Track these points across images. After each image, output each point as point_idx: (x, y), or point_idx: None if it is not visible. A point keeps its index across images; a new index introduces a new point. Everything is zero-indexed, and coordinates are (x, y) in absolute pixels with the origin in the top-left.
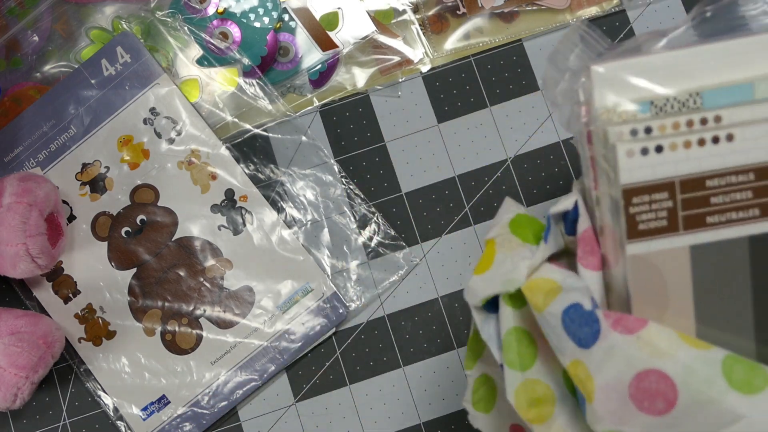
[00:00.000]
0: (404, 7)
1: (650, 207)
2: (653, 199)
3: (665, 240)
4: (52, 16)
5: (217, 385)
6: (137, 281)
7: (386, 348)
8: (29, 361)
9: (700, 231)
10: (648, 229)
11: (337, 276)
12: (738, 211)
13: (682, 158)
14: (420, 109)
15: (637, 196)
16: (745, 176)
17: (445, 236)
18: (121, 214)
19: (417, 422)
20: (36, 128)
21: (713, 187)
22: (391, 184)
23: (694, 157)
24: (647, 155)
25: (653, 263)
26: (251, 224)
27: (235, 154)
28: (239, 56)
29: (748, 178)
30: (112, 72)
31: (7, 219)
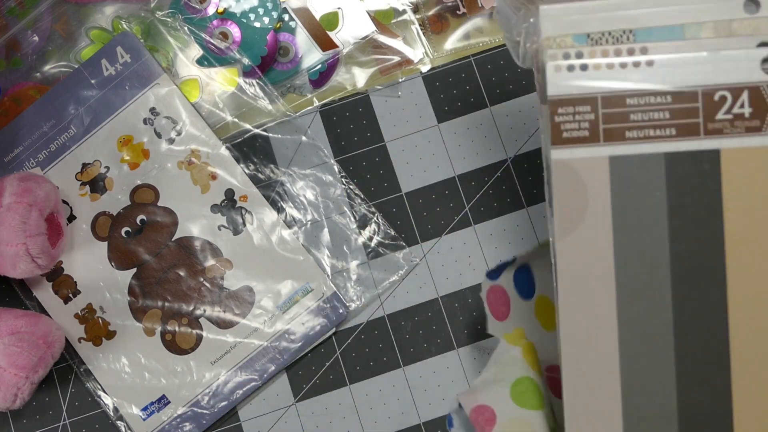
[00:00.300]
0: (404, 7)
1: (574, 118)
2: (577, 110)
3: (586, 149)
4: (52, 16)
5: (217, 385)
6: (137, 281)
7: (386, 348)
8: (29, 361)
9: (620, 144)
10: (571, 137)
11: (337, 276)
12: (655, 129)
13: (605, 77)
14: (420, 109)
15: (562, 107)
16: (663, 98)
17: (445, 236)
18: (121, 214)
19: (417, 422)
20: (36, 128)
21: (633, 105)
22: (391, 184)
23: (616, 77)
24: (573, 71)
25: (575, 169)
26: (251, 224)
27: (235, 154)
28: (239, 56)
29: (666, 100)
30: (112, 72)
31: (7, 219)
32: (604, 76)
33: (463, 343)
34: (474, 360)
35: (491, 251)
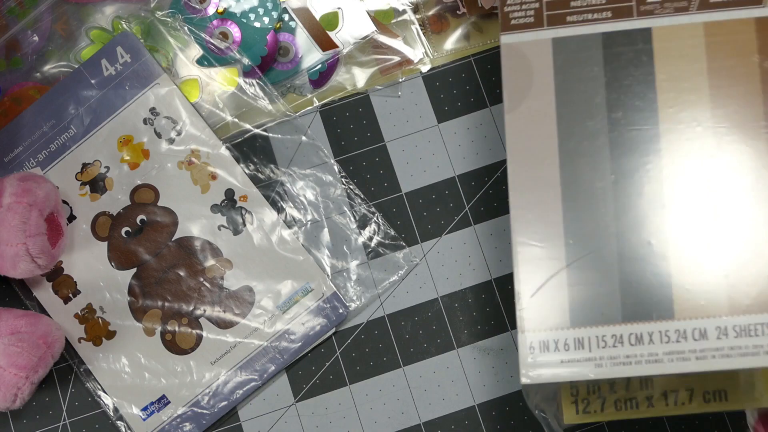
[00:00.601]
0: (404, 7)
1: (521, 7)
2: (523, 0)
3: (532, 33)
4: (52, 16)
5: (217, 385)
6: (137, 281)
7: (386, 348)
8: (29, 361)
9: (561, 27)
10: (518, 24)
11: (337, 276)
12: (593, 13)
13: None
14: (420, 109)
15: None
16: None
17: (445, 236)
18: (121, 214)
19: (417, 422)
20: (36, 128)
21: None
22: (391, 184)
23: None
24: None
25: (521, 51)
26: (251, 224)
27: (235, 154)
28: (239, 56)
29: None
30: (112, 72)
31: (7, 219)
32: None
33: (463, 343)
34: (474, 360)
35: (491, 251)
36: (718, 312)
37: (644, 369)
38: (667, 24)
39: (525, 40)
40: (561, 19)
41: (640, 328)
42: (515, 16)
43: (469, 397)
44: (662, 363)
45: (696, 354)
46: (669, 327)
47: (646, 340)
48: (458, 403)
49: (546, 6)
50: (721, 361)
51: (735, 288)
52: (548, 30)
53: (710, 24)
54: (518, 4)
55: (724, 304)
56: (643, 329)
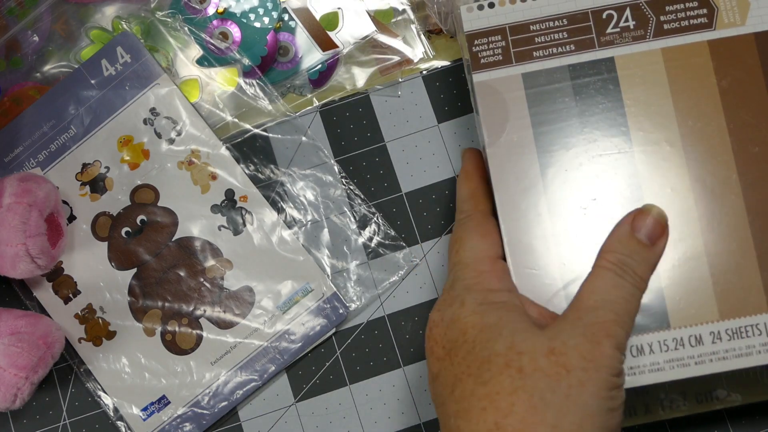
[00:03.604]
0: (404, 7)
1: (488, 46)
2: (490, 40)
3: (502, 70)
4: (52, 16)
5: (217, 385)
6: (137, 281)
7: (386, 348)
8: (29, 361)
9: (529, 62)
10: (488, 62)
11: (337, 276)
12: (558, 47)
13: (510, 11)
14: (420, 109)
15: (477, 39)
16: (560, 21)
17: (445, 236)
18: (121, 214)
19: (417, 422)
20: (36, 128)
21: (536, 30)
22: (391, 184)
23: (519, 10)
24: (483, 10)
25: (494, 87)
26: (251, 224)
27: (235, 154)
28: (239, 56)
29: (563, 23)
30: (112, 72)
31: (7, 219)
32: (510, 11)
33: None
34: None
35: None
36: (710, 318)
37: (647, 378)
38: (628, 52)
39: (496, 77)
40: (528, 54)
41: (640, 340)
42: (484, 55)
43: None
44: (664, 371)
45: (695, 359)
46: (666, 336)
47: (646, 351)
48: None
49: (512, 43)
50: (719, 363)
51: (723, 294)
52: (517, 66)
53: (667, 49)
54: (485, 43)
55: (714, 310)
56: (642, 341)
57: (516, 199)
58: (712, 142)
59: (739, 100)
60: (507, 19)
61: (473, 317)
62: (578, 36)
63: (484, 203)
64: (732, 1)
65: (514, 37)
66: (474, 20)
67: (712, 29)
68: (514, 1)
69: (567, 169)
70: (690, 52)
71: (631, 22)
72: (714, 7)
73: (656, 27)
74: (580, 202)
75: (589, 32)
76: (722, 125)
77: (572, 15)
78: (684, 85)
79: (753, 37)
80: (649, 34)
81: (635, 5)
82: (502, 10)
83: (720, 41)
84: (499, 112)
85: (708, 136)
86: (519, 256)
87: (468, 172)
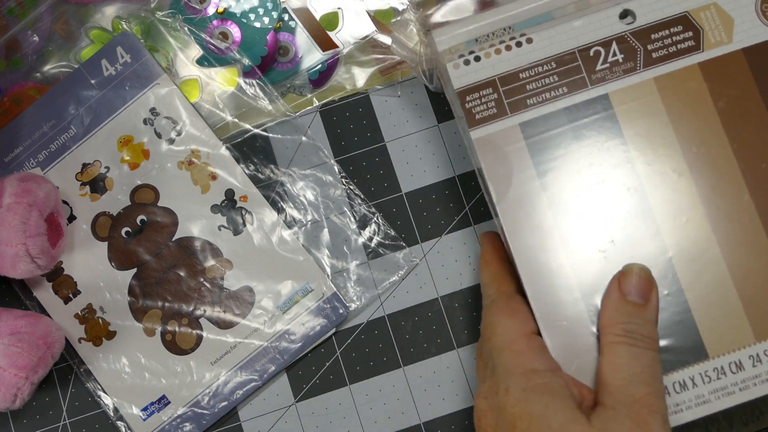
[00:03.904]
0: (404, 7)
1: (481, 101)
2: (482, 94)
3: (498, 123)
4: (52, 16)
5: (217, 385)
6: (137, 281)
7: (386, 348)
8: (29, 361)
9: (524, 111)
10: (483, 117)
11: (337, 276)
12: (550, 92)
13: (497, 62)
14: (420, 109)
15: (468, 95)
16: (548, 65)
17: (445, 236)
18: (121, 214)
19: (417, 422)
20: (36, 128)
21: (526, 77)
22: (391, 184)
23: (506, 59)
24: (469, 65)
25: (494, 142)
26: (251, 224)
27: (235, 154)
28: (239, 56)
29: (552, 66)
30: (112, 72)
31: (7, 219)
32: (497, 62)
33: (463, 343)
34: (474, 360)
35: None
36: (746, 342)
37: (695, 413)
38: (621, 87)
39: (494, 131)
40: (522, 103)
41: (681, 375)
42: (478, 111)
43: (469, 397)
44: (710, 403)
45: (738, 386)
46: (707, 367)
47: (689, 385)
48: (458, 403)
49: (504, 94)
50: (763, 386)
51: (755, 315)
52: (513, 116)
53: (660, 78)
54: (477, 98)
55: (749, 333)
56: (684, 375)
57: (534, 254)
58: (719, 165)
59: (739, 119)
60: (495, 71)
61: (520, 406)
62: (569, 77)
63: (507, 284)
64: (716, 20)
65: (506, 87)
66: (462, 76)
67: (700, 51)
68: (499, 51)
69: (579, 214)
70: (682, 77)
71: (620, 56)
72: (699, 29)
73: (645, 57)
74: (598, 246)
75: (579, 72)
76: (726, 146)
77: (560, 57)
78: (682, 111)
79: (742, 52)
80: (639, 65)
81: (621, 38)
82: (489, 62)
83: (710, 62)
84: (503, 166)
85: (714, 160)
86: (546, 311)
87: (487, 258)
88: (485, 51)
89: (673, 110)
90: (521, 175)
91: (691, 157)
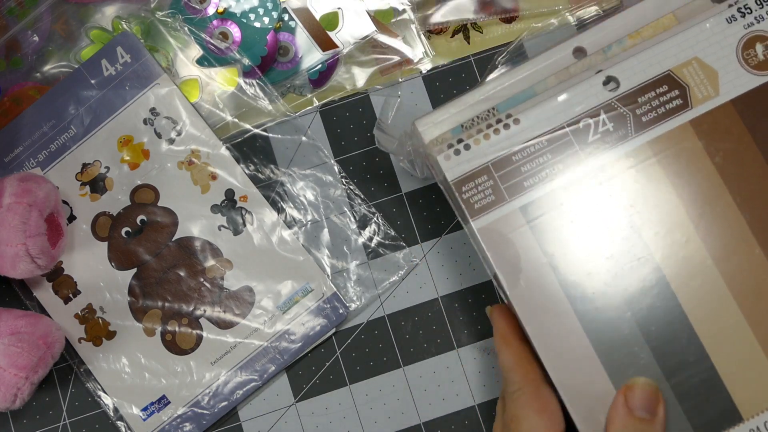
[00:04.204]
0: (404, 7)
1: (478, 189)
2: (477, 183)
3: (499, 210)
4: (52, 16)
5: (217, 385)
6: (137, 281)
7: (386, 348)
8: (29, 361)
9: (523, 194)
10: (482, 206)
11: (337, 276)
12: (546, 170)
13: (487, 147)
14: (420, 109)
15: (464, 185)
16: (540, 144)
17: (445, 236)
18: (121, 214)
19: (417, 422)
20: (36, 128)
21: (520, 159)
22: (391, 184)
23: (496, 144)
24: (460, 154)
25: (497, 230)
26: (251, 224)
27: (235, 154)
28: (239, 56)
29: (543, 145)
30: (112, 72)
31: (7, 219)
32: (487, 148)
33: (463, 343)
34: (474, 360)
35: None
36: None
37: None
38: (616, 156)
39: (495, 218)
40: (520, 187)
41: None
42: (476, 200)
43: (469, 397)
44: None
45: None
46: (743, 430)
47: None
48: (458, 403)
49: (500, 180)
50: None
51: None
52: (512, 201)
53: (653, 141)
54: (474, 187)
55: None
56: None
57: (556, 343)
58: (725, 223)
59: (738, 172)
60: (488, 157)
61: None
62: (562, 153)
63: (533, 370)
64: (700, 75)
65: (500, 172)
66: (455, 167)
67: (689, 108)
68: (488, 137)
69: (594, 292)
70: (676, 137)
71: (609, 125)
72: (684, 86)
73: (635, 122)
74: (616, 318)
75: (571, 146)
76: (730, 202)
77: (550, 134)
78: (680, 172)
79: (731, 104)
80: (630, 131)
81: (608, 105)
82: (480, 149)
83: (701, 118)
84: (510, 253)
85: (720, 218)
86: (580, 406)
87: (504, 335)
88: (474, 138)
89: (672, 172)
90: (530, 260)
91: (697, 218)
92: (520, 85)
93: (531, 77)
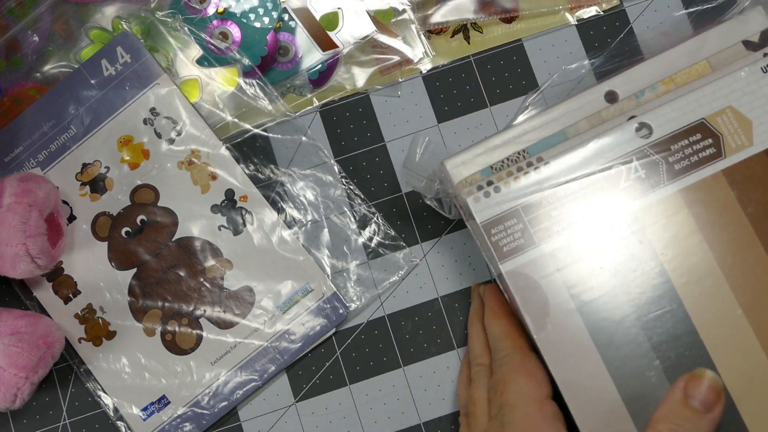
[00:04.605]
0: (404, 7)
1: (507, 233)
2: (507, 226)
3: (527, 254)
4: (52, 16)
5: (217, 385)
6: (137, 281)
7: (386, 348)
8: (29, 361)
9: (552, 239)
10: (511, 249)
11: (337, 276)
12: (576, 216)
13: (517, 190)
14: (420, 109)
15: (494, 228)
16: (571, 188)
17: (445, 236)
18: (121, 214)
19: (417, 422)
20: (36, 128)
21: (550, 203)
22: (391, 184)
23: (526, 187)
24: (489, 197)
25: (525, 274)
26: (251, 224)
27: (235, 154)
28: (239, 56)
29: (574, 189)
30: (112, 72)
31: (7, 219)
32: (516, 190)
33: (463, 343)
34: None
35: None
36: None
37: None
38: (647, 203)
39: (524, 262)
40: (549, 231)
41: None
42: (505, 243)
43: None
44: None
45: None
46: None
47: None
48: (458, 404)
49: (529, 223)
50: None
51: None
52: (541, 245)
53: (685, 190)
54: (503, 230)
55: None
56: None
57: (582, 383)
58: (757, 273)
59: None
60: (518, 200)
61: None
62: (593, 199)
63: (521, 340)
64: (734, 124)
65: (530, 216)
66: (485, 209)
67: (722, 158)
68: (518, 179)
69: (621, 339)
70: (708, 186)
71: (641, 172)
72: (718, 135)
73: (667, 170)
74: (644, 372)
75: (603, 192)
76: (761, 254)
77: (582, 180)
78: (712, 222)
79: (764, 154)
80: (663, 179)
81: (640, 152)
82: (509, 191)
83: (734, 167)
84: (538, 297)
85: (751, 268)
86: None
87: (496, 311)
88: (504, 180)
89: (703, 222)
90: (557, 305)
91: (727, 269)
92: (551, 128)
93: (562, 120)
